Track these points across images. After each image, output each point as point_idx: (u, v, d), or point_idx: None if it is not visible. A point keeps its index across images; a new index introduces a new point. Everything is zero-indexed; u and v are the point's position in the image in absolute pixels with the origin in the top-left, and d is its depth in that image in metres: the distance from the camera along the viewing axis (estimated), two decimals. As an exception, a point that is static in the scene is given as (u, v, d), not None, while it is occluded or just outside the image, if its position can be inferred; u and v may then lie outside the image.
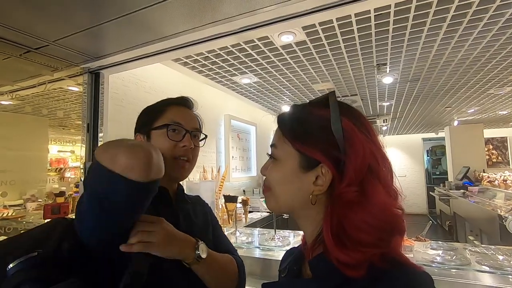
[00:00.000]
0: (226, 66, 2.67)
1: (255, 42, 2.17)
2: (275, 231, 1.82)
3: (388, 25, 1.98)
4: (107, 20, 1.32)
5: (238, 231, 1.93)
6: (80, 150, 1.84)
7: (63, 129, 3.18)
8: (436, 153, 9.60)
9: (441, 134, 8.34)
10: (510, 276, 1.20)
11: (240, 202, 2.41)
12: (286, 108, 4.15)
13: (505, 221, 2.88)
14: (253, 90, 3.54)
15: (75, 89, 3.20)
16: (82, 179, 1.79)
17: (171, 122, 0.77)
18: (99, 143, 1.86)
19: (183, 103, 0.84)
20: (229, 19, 1.42)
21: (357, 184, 0.45)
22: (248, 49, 2.29)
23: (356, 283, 0.42)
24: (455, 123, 6.27)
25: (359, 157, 0.45)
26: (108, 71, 1.95)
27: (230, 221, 2.35)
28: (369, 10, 1.78)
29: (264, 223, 3.04)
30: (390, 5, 1.73)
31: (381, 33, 2.10)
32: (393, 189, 0.49)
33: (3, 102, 2.42)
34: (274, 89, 3.51)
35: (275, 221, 1.87)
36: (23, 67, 1.79)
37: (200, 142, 0.86)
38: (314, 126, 0.49)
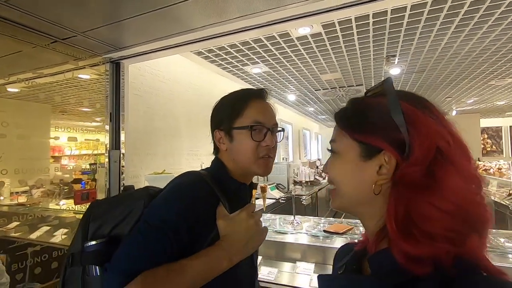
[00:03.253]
0: (239, 56, 2.71)
1: (272, 33, 2.20)
2: (294, 215, 1.92)
3: (403, 19, 2.03)
4: (139, 13, 1.36)
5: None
6: (105, 138, 1.89)
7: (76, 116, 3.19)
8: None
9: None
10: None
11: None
12: (291, 97, 4.21)
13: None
14: (261, 79, 3.57)
15: (86, 76, 3.20)
16: (108, 165, 1.85)
17: (254, 123, 0.75)
18: (121, 132, 1.91)
19: (262, 96, 0.81)
20: (257, 14, 1.46)
21: (425, 166, 0.41)
22: (264, 40, 2.33)
23: (421, 284, 0.38)
24: (453, 112, 6.41)
25: (424, 136, 0.42)
26: (129, 61, 1.99)
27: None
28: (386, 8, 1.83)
29: (275, 207, 3.16)
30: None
31: (395, 26, 2.15)
32: (471, 174, 0.42)
33: (10, 89, 2.43)
34: (282, 78, 3.55)
35: (294, 203, 1.96)
36: (46, 56, 1.82)
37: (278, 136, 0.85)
38: (372, 114, 0.47)
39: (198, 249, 0.64)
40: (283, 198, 3.01)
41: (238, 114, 0.76)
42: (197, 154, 2.93)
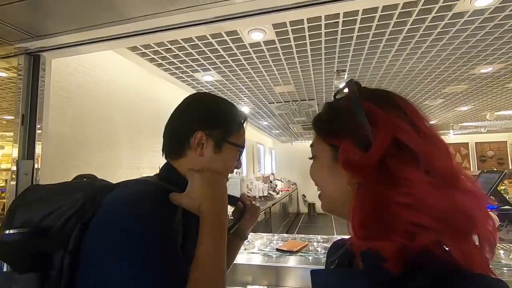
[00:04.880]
0: (189, 61, 2.52)
1: (224, 37, 2.08)
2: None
3: (354, 32, 2.07)
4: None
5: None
6: (13, 145, 1.53)
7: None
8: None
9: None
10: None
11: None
12: (245, 109, 4.10)
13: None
14: (213, 89, 3.42)
15: (2, 74, 2.70)
16: (12, 181, 1.48)
17: (242, 145, 0.75)
18: (37, 139, 1.57)
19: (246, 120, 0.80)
20: (202, 7, 1.32)
21: (377, 158, 0.41)
22: (215, 43, 2.19)
23: (413, 283, 0.38)
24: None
25: (380, 129, 0.42)
26: (51, 55, 1.67)
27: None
28: (339, 14, 1.84)
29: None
30: (358, 11, 1.81)
31: (346, 39, 2.19)
32: (443, 167, 0.41)
33: None
34: (236, 89, 3.44)
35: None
36: None
37: None
38: (339, 117, 0.49)
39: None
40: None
41: (237, 129, 0.73)
42: (138, 167, 2.60)
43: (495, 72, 3.03)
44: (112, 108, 2.34)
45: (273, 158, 9.58)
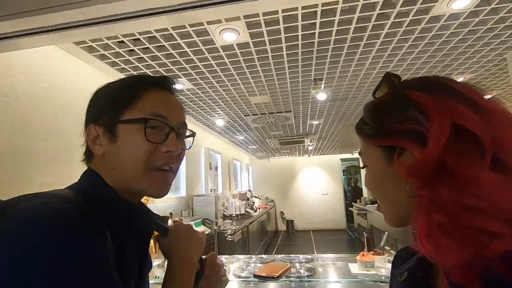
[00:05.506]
0: (155, 66, 2.30)
1: (193, 37, 1.90)
2: (216, 254, 1.48)
3: (331, 35, 1.98)
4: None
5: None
6: None
7: None
8: (350, 172, 10.66)
9: (356, 155, 9.32)
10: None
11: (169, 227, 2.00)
12: (220, 122, 3.90)
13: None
14: (185, 99, 3.20)
15: None
16: None
17: (151, 116, 0.52)
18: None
19: (166, 85, 0.58)
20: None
21: (438, 151, 0.35)
22: (184, 45, 2.00)
23: None
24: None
25: (435, 118, 0.36)
26: (-20, 49, 1.41)
27: (155, 249, 1.90)
28: (316, 15, 1.73)
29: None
30: (336, 11, 1.71)
31: (323, 43, 2.09)
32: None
33: None
34: (209, 99, 3.24)
35: (217, 240, 1.53)
36: None
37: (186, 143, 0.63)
38: (383, 115, 0.44)
39: None
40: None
41: (128, 103, 0.53)
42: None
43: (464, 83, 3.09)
44: (67, 119, 2.04)
45: (250, 175, 9.34)
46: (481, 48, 2.30)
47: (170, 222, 1.88)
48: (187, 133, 0.62)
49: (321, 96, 3.14)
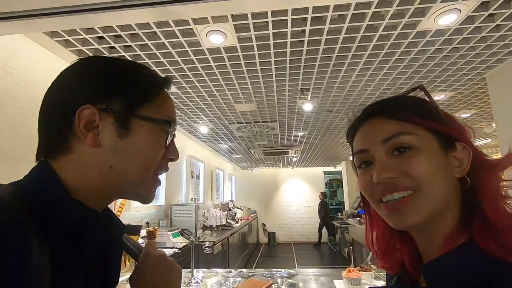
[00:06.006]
0: (137, 66, 2.20)
1: (178, 37, 1.82)
2: (192, 271, 1.37)
3: (320, 44, 1.97)
4: None
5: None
6: None
7: None
8: (333, 185, 10.72)
9: (338, 168, 9.40)
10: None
11: (142, 237, 1.85)
12: (203, 130, 3.79)
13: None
14: (168, 104, 3.08)
15: None
16: None
17: (169, 119, 0.48)
18: None
19: (170, 87, 0.53)
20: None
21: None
22: (168, 46, 1.92)
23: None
24: (351, 157, 7.14)
25: (464, 130, 0.47)
26: None
27: (127, 262, 1.75)
28: (306, 21, 1.71)
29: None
30: (326, 20, 1.70)
31: (312, 52, 2.07)
32: None
33: None
34: (193, 105, 3.15)
35: (194, 256, 1.42)
36: None
37: None
38: (428, 105, 0.48)
39: None
40: (177, 248, 2.35)
41: (153, 95, 0.47)
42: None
43: (446, 100, 3.18)
44: (35, 117, 1.89)
45: (233, 185, 9.19)
46: (463, 66, 2.36)
47: (143, 232, 1.74)
48: None
49: (307, 106, 3.12)
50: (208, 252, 1.76)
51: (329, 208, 8.80)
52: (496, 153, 5.67)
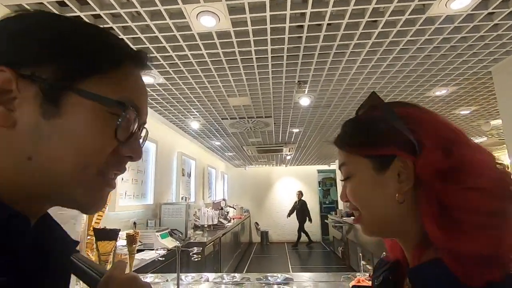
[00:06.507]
0: (121, 52, 2.00)
1: (166, 19, 1.64)
2: (178, 279, 1.20)
3: (320, 31, 1.81)
4: None
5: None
6: None
7: None
8: (326, 184, 10.65)
9: (332, 166, 9.31)
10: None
11: (123, 239, 1.67)
12: (195, 125, 3.62)
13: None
14: (156, 96, 2.90)
15: None
16: None
17: (131, 103, 0.35)
18: None
19: (145, 65, 0.40)
20: None
21: (440, 149, 0.40)
22: (154, 29, 1.73)
23: None
24: (346, 156, 7.07)
25: (427, 127, 0.43)
26: None
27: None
28: (307, 2, 1.55)
29: (160, 265, 2.29)
30: (328, 2, 1.54)
31: (311, 39, 1.91)
32: (485, 149, 0.42)
33: None
34: (183, 97, 2.96)
35: (179, 260, 1.25)
36: None
37: None
38: (373, 127, 0.47)
39: None
40: (160, 257, 2.17)
41: (102, 68, 0.34)
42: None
43: (447, 96, 3.07)
44: None
45: (226, 183, 9.01)
46: (469, 58, 2.24)
47: (122, 234, 1.57)
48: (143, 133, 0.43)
49: (304, 101, 2.97)
50: (196, 259, 1.59)
51: (307, 207, 8.46)
52: (493, 151, 5.64)
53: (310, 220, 8.31)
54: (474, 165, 0.39)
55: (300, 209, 8.36)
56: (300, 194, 8.57)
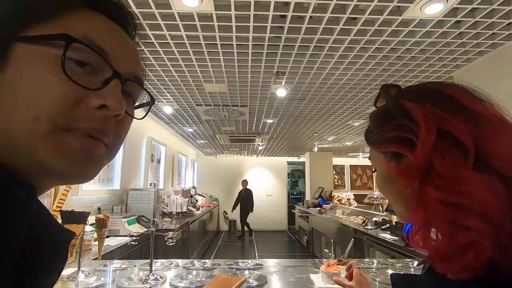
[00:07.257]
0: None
1: (144, -6, 1.55)
2: (151, 263, 1.18)
3: (303, 23, 1.82)
4: None
5: (83, 271, 1.16)
6: None
7: None
8: (294, 175, 10.95)
9: (302, 159, 9.57)
10: None
11: (91, 224, 1.60)
12: (167, 110, 3.50)
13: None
14: (128, 77, 2.75)
15: None
16: None
17: (83, 38, 0.30)
18: None
19: (114, 13, 0.36)
20: None
21: (425, 153, 0.39)
22: (132, 4, 1.63)
23: None
24: (315, 149, 7.27)
25: (421, 124, 0.40)
26: None
27: (71, 254, 1.50)
28: (288, 7, 1.55)
29: (127, 251, 2.23)
30: (309, 8, 1.56)
31: (293, 30, 1.92)
32: (497, 151, 0.38)
33: None
34: (156, 79, 2.85)
35: (153, 244, 1.22)
36: None
37: (135, 110, 0.40)
38: (382, 123, 0.47)
39: None
40: (133, 241, 2.12)
41: (43, 13, 0.30)
42: None
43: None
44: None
45: (195, 171, 8.89)
46: (435, 62, 2.40)
47: (92, 219, 1.50)
48: (141, 101, 0.40)
49: (281, 92, 3.00)
50: (171, 244, 1.58)
51: (252, 197, 8.29)
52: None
53: (251, 209, 8.11)
54: (443, 176, 0.40)
55: (247, 198, 8.13)
56: (245, 182, 8.36)
